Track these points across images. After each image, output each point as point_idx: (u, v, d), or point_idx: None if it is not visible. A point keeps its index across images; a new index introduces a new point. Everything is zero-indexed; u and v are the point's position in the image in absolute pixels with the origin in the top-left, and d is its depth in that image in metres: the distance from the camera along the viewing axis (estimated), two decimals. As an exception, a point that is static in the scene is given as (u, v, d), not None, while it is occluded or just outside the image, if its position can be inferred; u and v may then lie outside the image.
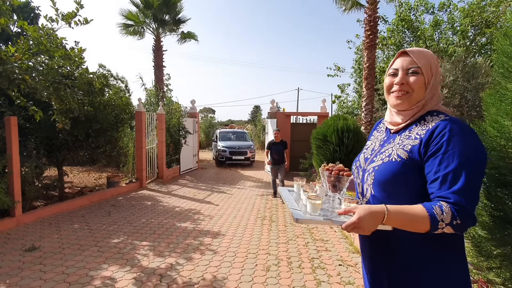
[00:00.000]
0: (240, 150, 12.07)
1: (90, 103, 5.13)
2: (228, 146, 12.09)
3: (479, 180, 0.83)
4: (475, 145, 0.84)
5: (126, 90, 18.00)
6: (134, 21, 12.36)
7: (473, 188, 0.82)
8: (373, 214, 0.84)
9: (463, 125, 0.87)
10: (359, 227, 0.85)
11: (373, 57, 10.88)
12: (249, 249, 3.54)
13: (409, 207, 0.85)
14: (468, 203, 0.80)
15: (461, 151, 0.83)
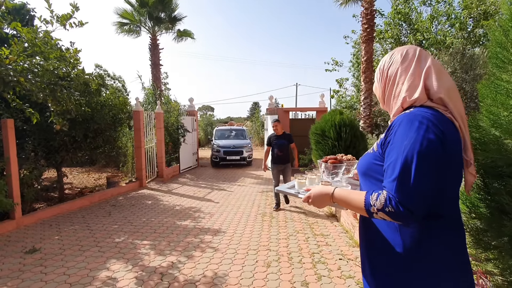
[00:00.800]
0: (236, 149, 11.13)
1: (87, 104, 5.11)
2: (223, 145, 11.20)
3: (420, 169, 0.83)
4: (416, 136, 0.86)
5: (124, 90, 17.94)
6: (130, 19, 12.27)
7: (407, 178, 0.83)
8: (321, 193, 1.05)
9: (413, 118, 0.89)
10: (312, 202, 1.08)
11: (371, 51, 10.85)
12: (250, 246, 3.55)
13: (354, 192, 0.97)
14: (399, 192, 0.83)
15: (400, 142, 0.88)
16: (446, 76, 0.98)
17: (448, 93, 0.93)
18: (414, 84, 0.96)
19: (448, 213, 0.93)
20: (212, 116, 61.48)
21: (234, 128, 14.10)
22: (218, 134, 12.83)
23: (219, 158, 10.98)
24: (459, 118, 0.92)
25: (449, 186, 0.92)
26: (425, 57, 0.99)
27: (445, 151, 0.86)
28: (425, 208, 0.85)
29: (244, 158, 11.18)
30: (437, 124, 0.87)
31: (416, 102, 0.95)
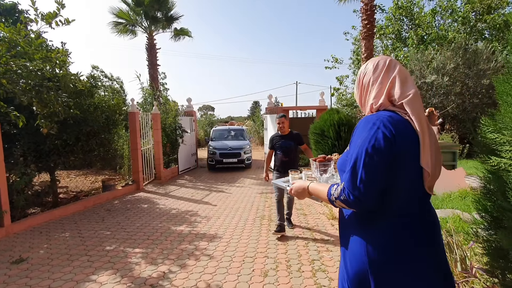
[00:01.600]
0: (233, 151, 10.23)
1: (77, 106, 4.95)
2: (219, 147, 10.36)
3: (366, 164, 0.97)
4: (367, 135, 1.00)
5: (122, 91, 17.80)
6: (126, 19, 12.11)
7: (356, 171, 0.98)
8: (300, 187, 1.28)
9: (369, 120, 1.04)
10: (294, 194, 1.31)
11: (371, 47, 10.61)
12: (247, 253, 3.38)
13: (323, 185, 1.17)
14: (350, 183, 1.00)
15: (356, 141, 1.04)
16: (410, 83, 1.09)
17: (410, 99, 1.03)
18: (381, 92, 1.09)
19: (411, 210, 1.02)
20: (212, 115, 61.32)
21: (232, 128, 13.15)
22: (215, 134, 11.95)
23: (215, 160, 10.18)
24: (418, 121, 1.00)
25: (405, 181, 1.00)
26: (393, 67, 1.11)
27: (392, 149, 0.96)
28: (373, 198, 0.97)
29: (242, 161, 10.32)
30: (389, 125, 0.99)
31: (381, 107, 1.09)
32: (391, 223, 1.01)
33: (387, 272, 0.99)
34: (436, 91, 10.27)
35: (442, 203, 4.23)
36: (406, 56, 13.46)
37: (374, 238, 1.02)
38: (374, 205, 0.99)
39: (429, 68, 10.58)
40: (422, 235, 1.01)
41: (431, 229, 1.04)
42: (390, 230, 1.01)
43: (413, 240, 1.00)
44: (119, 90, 18.26)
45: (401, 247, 0.99)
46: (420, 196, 1.04)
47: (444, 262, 1.05)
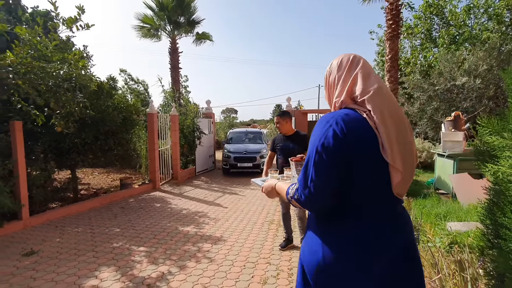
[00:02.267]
0: (248, 155, 9.67)
1: (96, 106, 5.15)
2: (234, 150, 9.88)
3: (316, 163, 0.95)
4: (319, 133, 0.98)
5: (146, 93, 18.41)
6: (150, 24, 12.55)
7: (307, 170, 0.98)
8: (269, 186, 1.30)
9: (324, 118, 1.02)
10: (265, 192, 1.34)
11: (396, 48, 10.11)
12: (249, 258, 3.28)
13: (286, 184, 1.20)
14: (302, 182, 1.00)
15: (310, 140, 1.02)
16: (373, 79, 1.04)
17: (371, 95, 0.99)
18: (343, 89, 1.07)
19: (359, 204, 0.97)
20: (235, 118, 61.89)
21: (250, 130, 12.53)
22: (232, 136, 11.43)
23: (229, 164, 9.67)
24: (380, 117, 0.95)
25: (365, 182, 0.95)
26: (356, 63, 1.08)
27: (342, 147, 0.93)
28: (323, 198, 0.96)
29: (257, 166, 9.66)
30: (342, 122, 0.95)
31: (342, 105, 1.06)
32: (347, 225, 0.97)
33: (331, 277, 0.96)
34: (467, 94, 9.56)
35: (466, 215, 3.86)
36: (436, 57, 12.72)
37: (329, 238, 0.99)
38: (325, 205, 0.98)
39: (460, 70, 9.90)
40: (378, 243, 0.94)
41: (393, 238, 0.96)
42: (344, 232, 0.97)
43: (363, 247, 0.94)
44: (143, 92, 19.00)
45: (351, 252, 0.94)
46: (386, 200, 0.98)
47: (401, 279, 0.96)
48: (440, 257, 2.23)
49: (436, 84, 10.69)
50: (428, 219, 4.22)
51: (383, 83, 1.06)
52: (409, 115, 11.92)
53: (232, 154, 9.72)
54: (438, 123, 10.74)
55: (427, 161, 9.21)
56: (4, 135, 4.35)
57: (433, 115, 10.80)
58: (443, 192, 6.16)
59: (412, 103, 11.76)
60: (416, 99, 11.45)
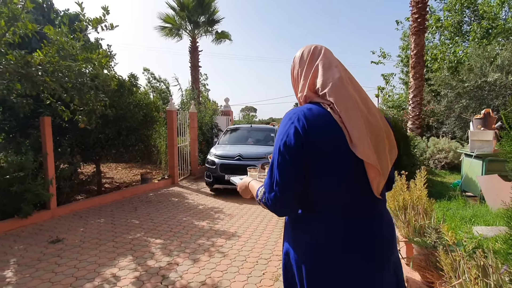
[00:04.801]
0: (243, 162, 6.01)
1: (118, 103, 5.36)
2: (222, 154, 6.34)
3: (279, 163, 0.91)
4: (281, 131, 0.94)
5: (168, 91, 18.96)
6: (172, 23, 12.87)
7: (272, 173, 0.93)
8: (244, 184, 1.24)
9: (287, 115, 0.96)
10: (240, 191, 1.29)
11: (422, 43, 9.67)
12: (262, 254, 3.28)
13: (258, 183, 1.12)
14: (267, 186, 0.95)
15: (275, 139, 0.97)
16: (334, 70, 0.98)
17: (332, 88, 0.93)
18: (305, 83, 1.01)
19: (322, 207, 0.92)
20: (254, 116, 62.01)
21: (257, 127, 8.49)
22: (228, 136, 7.74)
23: (213, 177, 6.13)
24: (344, 110, 0.89)
25: (321, 177, 0.90)
26: (317, 55, 1.02)
27: (303, 145, 0.87)
28: (290, 202, 0.92)
29: None
30: (303, 118, 0.90)
31: (307, 100, 1.00)
32: (310, 224, 0.94)
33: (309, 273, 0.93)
34: (499, 91, 8.96)
35: (495, 219, 3.64)
36: (466, 52, 12.03)
37: (297, 238, 0.97)
38: (294, 208, 0.94)
39: (492, 66, 9.29)
40: (348, 243, 0.90)
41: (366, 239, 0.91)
42: (308, 232, 0.94)
43: (330, 246, 0.90)
44: (165, 90, 19.53)
45: (320, 252, 0.91)
46: (353, 197, 0.92)
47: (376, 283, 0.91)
48: (462, 261, 2.11)
49: (465, 80, 10.11)
50: (452, 222, 4.02)
51: (347, 73, 0.99)
52: (436, 113, 11.37)
53: (218, 159, 6.16)
54: (467, 122, 10.16)
55: (453, 161, 8.74)
56: (35, 130, 4.65)
57: (462, 113, 10.23)
58: (470, 194, 5.82)
59: (439, 100, 11.20)
60: (444, 96, 10.89)
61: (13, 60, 3.43)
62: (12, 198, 3.95)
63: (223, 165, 6.06)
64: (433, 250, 2.40)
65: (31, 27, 3.52)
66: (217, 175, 6.05)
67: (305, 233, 0.95)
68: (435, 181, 6.97)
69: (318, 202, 0.93)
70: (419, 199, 2.91)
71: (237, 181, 1.41)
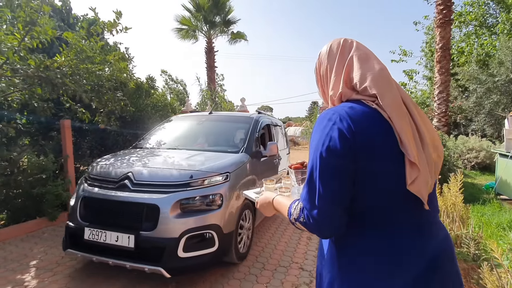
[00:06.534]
0: (130, 196, 2.42)
1: (136, 105, 5.38)
2: (100, 175, 2.76)
3: (322, 173, 0.77)
4: (320, 135, 0.80)
5: (185, 92, 19.15)
6: (188, 25, 12.97)
7: (313, 184, 0.79)
8: (265, 200, 1.04)
9: (323, 116, 0.83)
10: (259, 208, 1.08)
11: (448, 36, 9.13)
12: (280, 262, 3.13)
13: (287, 199, 0.95)
14: (306, 201, 0.81)
15: (310, 146, 0.84)
16: (372, 62, 0.86)
17: (374, 80, 0.82)
18: (338, 79, 0.89)
19: (373, 224, 0.80)
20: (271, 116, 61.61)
21: (218, 116, 4.30)
22: (160, 134, 3.96)
23: (68, 229, 2.70)
24: (390, 105, 0.78)
25: (371, 186, 0.77)
26: (349, 47, 0.91)
27: (352, 148, 0.75)
28: (337, 218, 0.78)
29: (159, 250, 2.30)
30: (347, 118, 0.78)
31: (342, 98, 0.88)
32: (355, 241, 0.81)
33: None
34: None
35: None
36: (494, 44, 11.28)
37: (336, 255, 0.85)
38: (341, 228, 0.80)
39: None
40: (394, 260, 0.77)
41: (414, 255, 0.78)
42: (364, 254, 0.80)
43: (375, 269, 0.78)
44: (182, 92, 19.78)
45: (363, 278, 0.79)
46: (405, 208, 0.79)
47: None
48: (509, 278, 1.87)
49: (495, 74, 9.46)
50: (488, 229, 3.69)
51: (385, 66, 0.87)
52: (463, 110, 10.75)
53: (85, 188, 2.75)
54: (498, 119, 9.51)
55: (485, 161, 8.19)
56: (56, 132, 4.74)
57: (493, 109, 9.59)
58: (506, 197, 5.39)
59: (467, 96, 10.58)
60: (472, 92, 10.26)
61: (33, 64, 3.49)
62: (34, 199, 4.03)
63: (87, 200, 2.64)
64: (473, 264, 2.16)
65: (50, 33, 3.57)
66: (73, 227, 2.64)
67: (354, 258, 0.82)
68: (466, 183, 6.53)
69: (368, 218, 0.80)
70: (454, 206, 2.66)
71: (253, 196, 1.21)
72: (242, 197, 2.81)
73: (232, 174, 2.77)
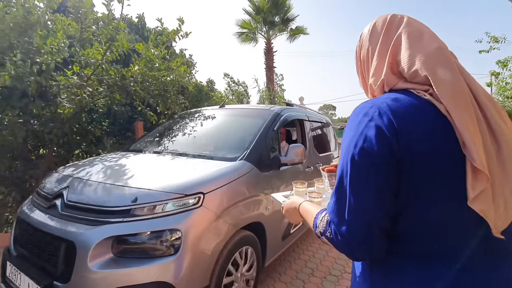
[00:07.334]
0: (52, 226, 1.63)
1: (197, 107, 5.79)
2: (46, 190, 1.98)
3: (354, 181, 0.62)
4: (353, 134, 0.65)
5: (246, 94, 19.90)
6: (248, 28, 13.38)
7: (343, 193, 0.64)
8: (291, 206, 0.92)
9: (358, 110, 0.68)
10: (285, 215, 0.96)
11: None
12: (331, 270, 2.97)
13: (315, 207, 0.82)
14: (333, 214, 0.67)
15: (342, 146, 0.69)
16: (426, 40, 0.67)
17: (427, 62, 0.63)
18: (381, 63, 0.73)
19: (421, 248, 0.63)
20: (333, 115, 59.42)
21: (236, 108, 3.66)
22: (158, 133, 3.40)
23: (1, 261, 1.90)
24: (450, 95, 0.60)
25: (420, 199, 0.61)
26: (397, 24, 0.73)
27: (391, 149, 0.60)
28: (370, 235, 0.62)
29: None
30: (389, 112, 0.62)
31: (385, 87, 0.71)
32: (405, 268, 0.65)
33: None
34: None
35: None
36: None
37: (379, 283, 0.70)
38: (377, 250, 0.64)
39: None
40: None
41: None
42: (402, 277, 0.65)
43: None
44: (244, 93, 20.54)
45: None
46: (468, 231, 0.61)
47: None
48: None
49: None
50: None
51: (445, 45, 0.67)
52: None
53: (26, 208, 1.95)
54: None
55: None
56: (132, 133, 5.42)
57: None
58: None
59: None
60: None
61: (113, 74, 4.06)
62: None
63: (20, 224, 1.91)
64: None
65: (126, 46, 4.10)
66: (4, 256, 1.89)
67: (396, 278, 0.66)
68: None
69: (416, 245, 0.64)
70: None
71: (280, 199, 1.10)
72: (233, 231, 1.86)
73: (210, 195, 1.73)
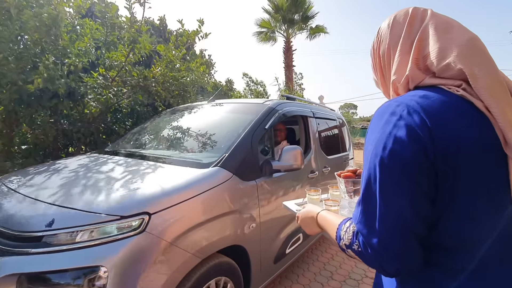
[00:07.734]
0: None
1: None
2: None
3: (385, 187, 0.56)
4: (380, 135, 0.59)
5: (264, 93, 19.87)
6: (267, 27, 13.34)
7: (371, 202, 0.58)
8: (307, 215, 0.85)
9: (384, 109, 0.62)
10: (300, 224, 0.88)
11: None
12: (351, 274, 2.88)
13: (336, 216, 0.75)
14: (359, 223, 0.61)
15: (366, 147, 0.63)
16: (456, 32, 0.61)
17: (461, 54, 0.57)
18: (405, 58, 0.66)
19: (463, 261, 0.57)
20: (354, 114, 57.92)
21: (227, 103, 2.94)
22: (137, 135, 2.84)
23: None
24: (490, 89, 0.54)
25: (460, 206, 0.55)
26: (421, 16, 0.67)
27: (425, 151, 0.54)
28: (403, 248, 0.56)
29: None
30: (420, 110, 0.56)
31: (411, 84, 0.65)
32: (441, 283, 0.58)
33: None
34: None
35: None
36: None
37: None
38: (413, 263, 0.58)
39: None
40: None
41: None
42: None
43: None
44: (262, 92, 20.53)
45: None
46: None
47: None
48: None
49: None
50: None
51: (477, 36, 0.60)
52: None
53: None
54: None
55: None
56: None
57: None
58: None
59: None
60: None
61: (136, 76, 4.19)
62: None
63: None
64: None
65: (148, 47, 4.22)
66: None
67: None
68: None
69: (455, 256, 0.58)
70: None
71: (292, 207, 1.01)
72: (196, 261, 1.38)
73: (160, 216, 1.27)
